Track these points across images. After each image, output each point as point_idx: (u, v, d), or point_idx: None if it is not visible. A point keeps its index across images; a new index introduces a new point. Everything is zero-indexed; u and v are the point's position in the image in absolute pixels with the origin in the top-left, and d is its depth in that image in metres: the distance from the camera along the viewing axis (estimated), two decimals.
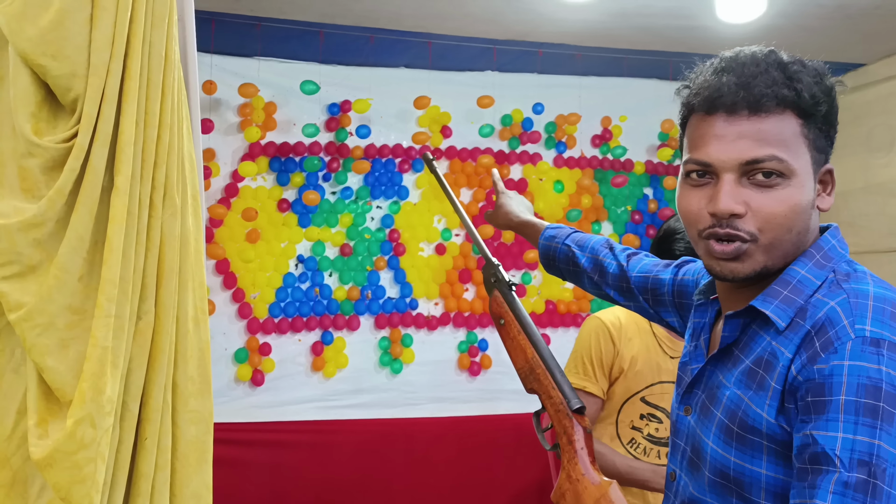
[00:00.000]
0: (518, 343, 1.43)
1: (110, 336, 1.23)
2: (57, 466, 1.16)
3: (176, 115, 1.34)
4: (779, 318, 1.06)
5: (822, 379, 0.95)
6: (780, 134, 1.06)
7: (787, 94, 1.06)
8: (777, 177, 1.05)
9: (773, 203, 1.06)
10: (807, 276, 1.08)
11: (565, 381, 1.36)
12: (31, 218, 1.21)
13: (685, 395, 1.21)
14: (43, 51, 1.23)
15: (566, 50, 4.22)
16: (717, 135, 1.07)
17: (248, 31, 3.81)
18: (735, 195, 1.06)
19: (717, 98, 1.07)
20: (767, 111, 1.06)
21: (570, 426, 1.29)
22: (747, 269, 1.08)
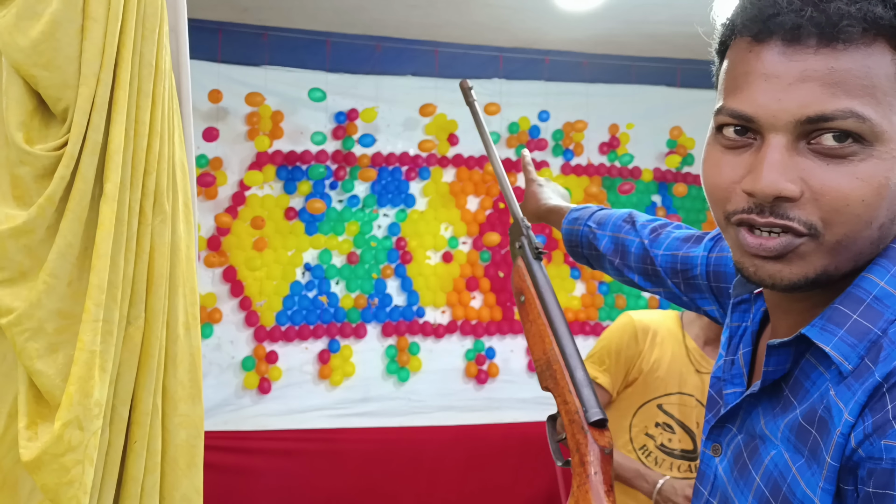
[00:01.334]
0: (537, 328, 1.14)
1: (98, 340, 1.24)
2: (45, 468, 1.18)
3: (167, 123, 1.36)
4: (844, 359, 0.72)
5: (893, 464, 0.65)
6: (866, 76, 0.69)
7: (881, 12, 0.69)
8: (855, 143, 0.70)
9: (849, 182, 0.70)
10: (888, 289, 0.73)
11: (587, 385, 1.07)
12: (21, 225, 1.23)
13: (715, 429, 0.89)
14: (34, 61, 1.26)
15: (573, 57, 4.23)
16: (768, 73, 0.72)
17: (255, 41, 3.85)
18: (787, 168, 0.71)
19: (771, 16, 0.72)
20: (848, 40, 0.69)
21: (585, 443, 1.03)
22: (796, 274, 0.74)
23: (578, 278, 4.46)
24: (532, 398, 4.21)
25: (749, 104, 0.73)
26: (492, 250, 4.32)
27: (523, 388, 4.29)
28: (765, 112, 0.72)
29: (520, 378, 4.33)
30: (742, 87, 0.74)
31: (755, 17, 0.73)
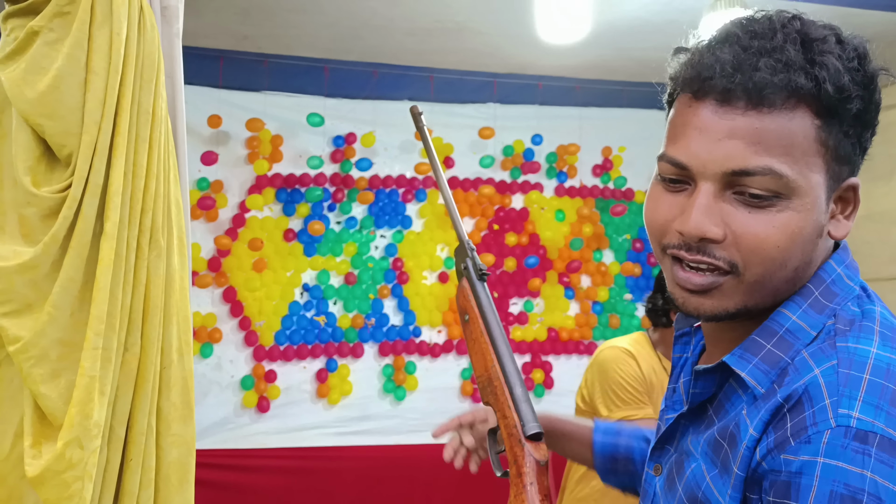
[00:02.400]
0: (479, 347, 1.17)
1: (98, 366, 1.34)
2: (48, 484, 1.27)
3: (163, 165, 1.47)
4: (758, 384, 0.80)
5: (789, 476, 0.71)
6: (786, 137, 0.77)
7: (802, 82, 0.76)
8: (773, 195, 0.78)
9: (765, 229, 0.78)
10: (799, 323, 0.82)
11: (525, 401, 1.11)
12: (28, 261, 1.33)
13: (656, 451, 0.96)
14: (41, 111, 1.36)
15: (565, 82, 4.33)
16: (701, 128, 0.80)
17: (255, 67, 3.95)
18: (713, 213, 0.79)
19: (706, 79, 0.79)
20: (772, 104, 0.77)
21: (521, 455, 1.07)
22: (718, 307, 0.82)
23: (572, 298, 4.53)
24: None
25: (684, 153, 0.82)
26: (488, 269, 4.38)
27: None
28: (696, 162, 0.80)
29: None
30: (680, 137, 0.83)
31: (694, 77, 0.81)
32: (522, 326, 4.43)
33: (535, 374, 4.39)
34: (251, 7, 3.40)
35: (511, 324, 4.41)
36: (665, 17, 3.49)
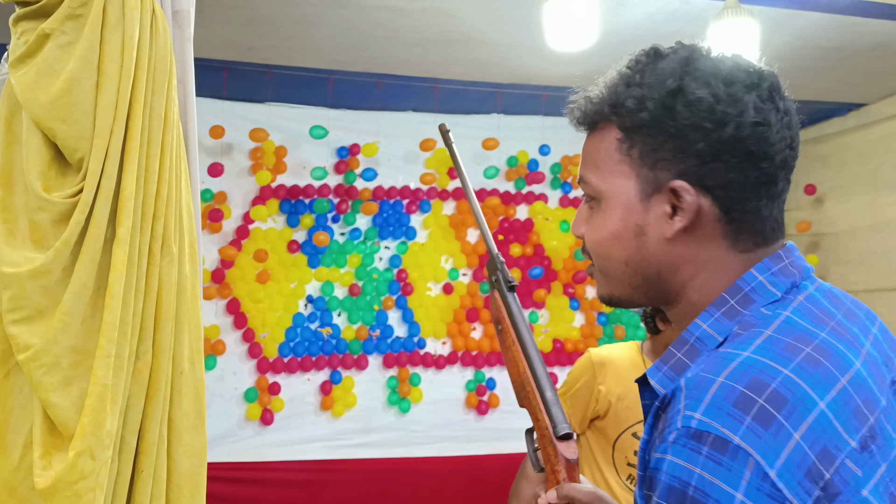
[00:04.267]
0: (512, 354, 1.26)
1: (110, 375, 1.32)
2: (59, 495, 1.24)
3: (175, 170, 1.45)
4: (663, 389, 0.85)
5: (653, 472, 0.77)
6: (593, 152, 0.93)
7: (605, 105, 0.91)
8: (592, 199, 0.93)
9: (590, 226, 0.94)
10: (709, 331, 0.86)
11: (555, 404, 1.19)
12: (39, 267, 1.31)
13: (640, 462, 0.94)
14: (53, 115, 1.35)
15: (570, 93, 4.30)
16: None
17: (259, 78, 3.95)
18: (581, 217, 0.97)
19: (570, 111, 0.99)
20: (592, 128, 0.94)
21: (554, 454, 1.16)
22: (599, 293, 0.99)
23: (577, 309, 4.52)
24: None
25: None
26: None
27: (524, 418, 4.25)
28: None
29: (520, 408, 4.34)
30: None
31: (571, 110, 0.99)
32: None
33: None
34: (256, 18, 3.39)
35: None
36: (671, 27, 3.48)
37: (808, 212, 4.76)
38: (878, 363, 0.84)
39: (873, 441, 0.75)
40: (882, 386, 0.81)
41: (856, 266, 4.47)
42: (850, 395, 0.76)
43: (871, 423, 0.75)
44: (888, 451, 0.75)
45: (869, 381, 0.79)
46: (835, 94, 4.21)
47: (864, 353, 0.82)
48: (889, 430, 0.77)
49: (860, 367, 0.79)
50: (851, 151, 4.51)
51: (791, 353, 0.77)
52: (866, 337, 0.86)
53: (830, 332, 0.81)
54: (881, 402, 0.79)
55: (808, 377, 0.75)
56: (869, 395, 0.77)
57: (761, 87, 0.87)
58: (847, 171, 4.54)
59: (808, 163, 4.70)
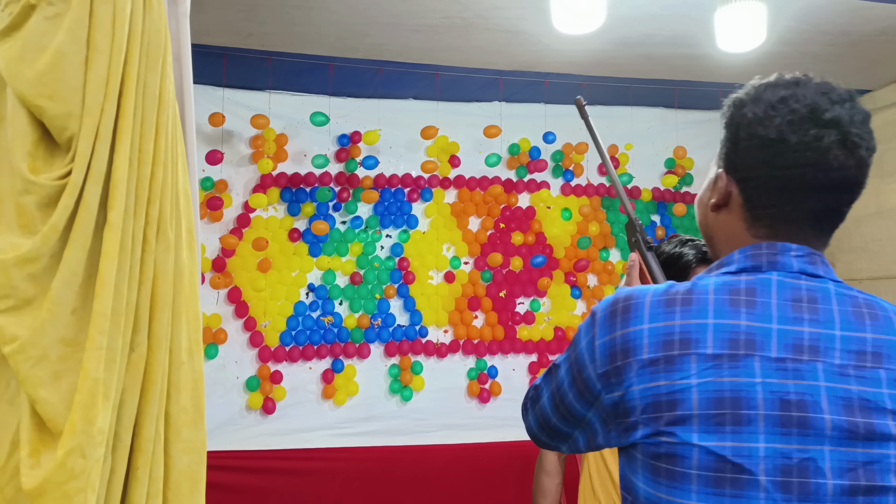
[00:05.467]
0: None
1: (102, 368, 1.26)
2: (48, 497, 1.18)
3: (170, 152, 1.38)
4: None
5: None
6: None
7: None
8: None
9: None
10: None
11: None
12: (26, 253, 1.25)
13: None
14: (39, 92, 1.28)
15: (572, 80, 4.26)
16: None
17: (259, 65, 3.89)
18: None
19: None
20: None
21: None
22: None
23: (579, 297, 4.48)
24: None
25: None
26: (493, 270, 4.34)
27: None
28: None
29: (522, 396, 4.30)
30: None
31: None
32: (529, 326, 4.38)
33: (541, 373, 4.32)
34: (255, 4, 3.33)
35: (518, 323, 4.36)
36: (675, 12, 3.42)
37: None
38: (789, 344, 1.00)
39: (667, 364, 1.01)
40: (762, 361, 0.99)
41: (860, 254, 4.42)
42: (672, 330, 1.02)
43: (672, 354, 1.00)
44: (680, 377, 1.00)
45: (710, 336, 1.00)
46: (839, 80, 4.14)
47: (762, 327, 1.01)
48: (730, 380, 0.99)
49: (714, 324, 1.01)
50: None
51: (665, 293, 1.06)
52: (813, 325, 1.02)
53: (722, 300, 1.03)
54: (723, 359, 0.99)
55: (651, 311, 1.04)
56: (695, 342, 1.01)
57: (794, 111, 1.06)
58: None
59: None
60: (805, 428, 0.96)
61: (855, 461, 0.96)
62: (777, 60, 3.83)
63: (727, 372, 0.98)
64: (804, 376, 0.98)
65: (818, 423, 0.96)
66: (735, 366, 0.98)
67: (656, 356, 1.01)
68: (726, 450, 0.96)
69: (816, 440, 0.96)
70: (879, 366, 1.00)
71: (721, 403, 0.97)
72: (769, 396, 0.97)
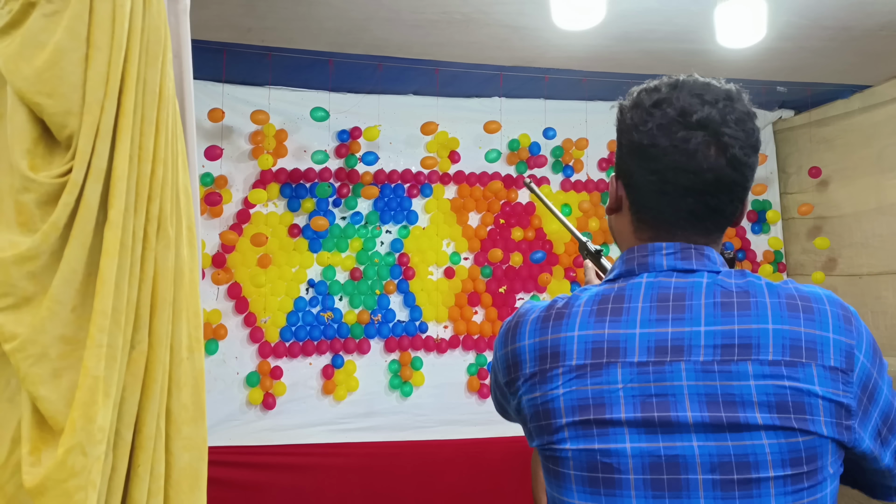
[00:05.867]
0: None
1: (102, 366, 1.25)
2: (48, 494, 1.18)
3: (170, 149, 1.38)
4: None
5: None
6: None
7: None
8: None
9: None
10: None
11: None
12: (25, 251, 1.25)
13: None
14: (39, 89, 1.27)
15: (572, 75, 4.25)
16: None
17: (259, 61, 3.88)
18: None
19: None
20: None
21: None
22: None
23: None
24: None
25: None
26: (493, 266, 4.34)
27: None
28: None
29: None
30: None
31: None
32: None
33: None
34: None
35: None
36: (675, 7, 3.41)
37: (812, 195, 4.70)
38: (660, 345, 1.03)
39: (542, 376, 1.06)
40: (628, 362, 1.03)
41: (860, 249, 4.41)
42: (545, 345, 1.07)
43: (545, 368, 1.06)
44: (551, 387, 1.06)
45: (575, 348, 1.05)
46: (839, 75, 4.14)
47: (626, 333, 1.04)
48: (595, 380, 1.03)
49: (578, 335, 1.05)
50: (856, 134, 4.44)
51: (546, 310, 1.11)
52: (677, 324, 1.02)
53: (589, 312, 1.07)
54: (586, 368, 1.03)
55: (531, 328, 1.10)
56: (562, 355, 1.05)
57: (665, 114, 1.07)
58: (852, 154, 4.48)
59: (813, 145, 4.64)
60: (669, 426, 0.98)
61: (727, 454, 0.97)
62: (777, 56, 3.82)
63: (590, 380, 1.02)
64: (666, 377, 1.00)
65: (682, 421, 0.98)
66: (598, 374, 1.02)
67: (534, 370, 1.08)
68: (595, 452, 1.01)
69: (682, 437, 0.98)
70: (747, 357, 0.99)
71: (585, 410, 1.02)
72: (630, 400, 1.00)
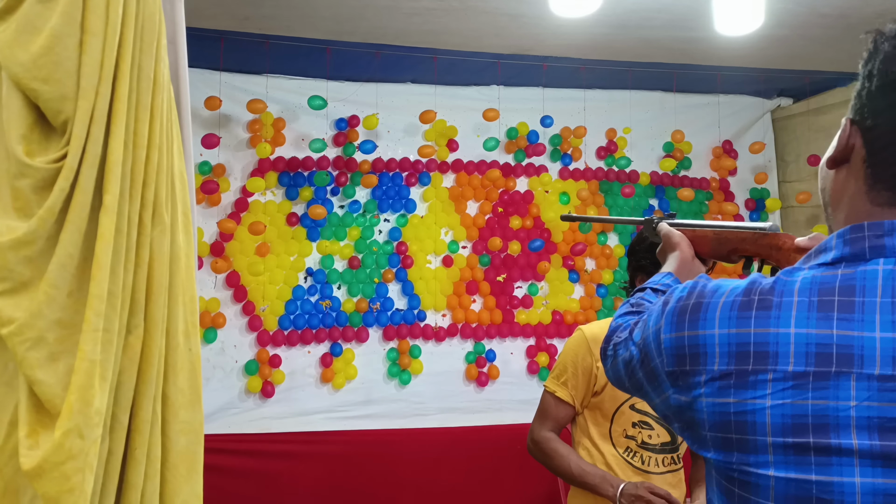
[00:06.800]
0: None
1: (98, 349, 1.26)
2: (46, 477, 1.19)
3: (165, 135, 1.39)
4: None
5: None
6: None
7: None
8: None
9: None
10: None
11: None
12: (22, 236, 1.25)
13: None
14: (34, 75, 1.28)
15: (570, 63, 4.25)
16: None
17: (256, 49, 3.87)
18: None
19: None
20: None
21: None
22: None
23: (577, 281, 4.49)
24: (532, 399, 4.19)
25: None
26: (491, 254, 4.35)
27: (523, 389, 4.31)
28: None
29: (520, 380, 4.35)
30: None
31: None
32: (527, 310, 4.40)
33: (539, 357, 4.35)
34: None
35: (516, 307, 4.38)
36: None
37: (811, 183, 4.71)
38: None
39: (739, 379, 0.86)
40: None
41: None
42: (746, 340, 0.86)
43: (745, 369, 0.85)
44: (752, 395, 0.85)
45: (792, 349, 0.83)
46: (838, 63, 4.13)
47: (862, 336, 0.81)
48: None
49: (795, 333, 0.84)
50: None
51: (743, 293, 0.90)
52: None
53: (809, 303, 0.85)
54: (807, 377, 0.82)
55: (723, 313, 0.90)
56: (773, 356, 0.84)
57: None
58: None
59: (811, 133, 4.63)
60: None
61: None
62: (775, 43, 3.82)
63: (812, 393, 0.81)
64: None
65: None
66: (823, 386, 0.81)
67: (728, 369, 0.87)
68: (811, 484, 0.80)
69: None
70: None
71: (803, 430, 0.81)
72: (866, 423, 0.78)
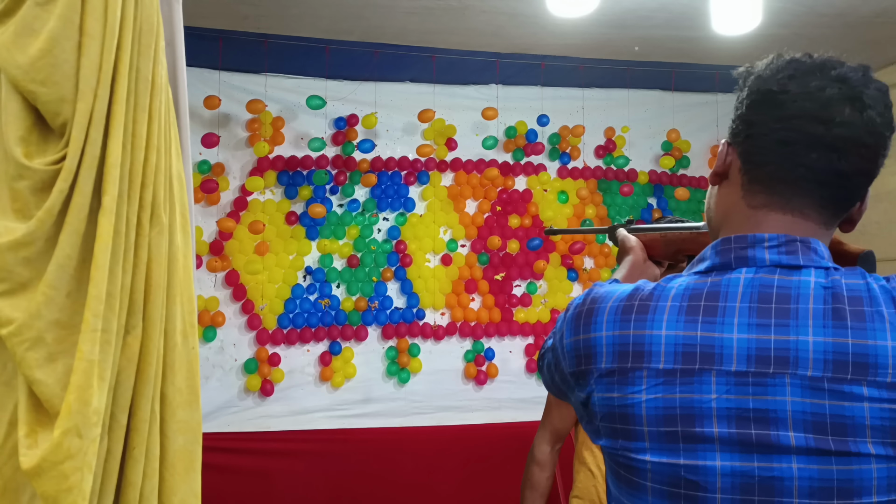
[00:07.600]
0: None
1: (97, 350, 1.27)
2: (45, 475, 1.20)
3: (164, 136, 1.40)
4: None
5: None
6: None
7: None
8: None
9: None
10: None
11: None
12: (21, 237, 1.26)
13: None
14: (32, 77, 1.29)
15: (569, 62, 4.26)
16: None
17: (255, 48, 3.88)
18: None
19: None
20: None
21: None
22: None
23: (575, 280, 4.50)
24: (531, 398, 4.24)
25: None
26: (490, 253, 4.36)
27: (522, 388, 4.33)
28: None
29: (518, 378, 4.36)
30: None
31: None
32: (525, 308, 4.40)
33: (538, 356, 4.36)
34: None
35: (514, 306, 4.38)
36: None
37: None
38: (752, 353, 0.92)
39: (621, 376, 0.97)
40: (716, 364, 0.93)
41: (858, 237, 4.43)
42: (626, 340, 0.97)
43: (626, 367, 0.97)
44: (631, 391, 0.96)
45: (663, 349, 0.95)
46: None
47: (722, 337, 0.93)
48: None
49: (666, 335, 0.95)
50: None
51: (628, 298, 1.01)
52: (781, 331, 0.91)
53: (679, 308, 0.96)
54: (675, 374, 0.94)
55: (609, 317, 1.00)
56: (647, 356, 0.95)
57: (802, 64, 0.99)
58: None
59: None
60: (767, 447, 0.89)
61: (829, 479, 0.87)
62: (773, 43, 3.83)
63: (679, 388, 0.93)
64: (767, 392, 0.90)
65: (783, 443, 0.89)
66: (688, 381, 0.92)
67: (611, 367, 0.99)
68: (679, 467, 0.92)
69: (781, 458, 0.89)
70: (863, 378, 0.87)
71: (672, 421, 0.92)
72: (725, 413, 0.90)
